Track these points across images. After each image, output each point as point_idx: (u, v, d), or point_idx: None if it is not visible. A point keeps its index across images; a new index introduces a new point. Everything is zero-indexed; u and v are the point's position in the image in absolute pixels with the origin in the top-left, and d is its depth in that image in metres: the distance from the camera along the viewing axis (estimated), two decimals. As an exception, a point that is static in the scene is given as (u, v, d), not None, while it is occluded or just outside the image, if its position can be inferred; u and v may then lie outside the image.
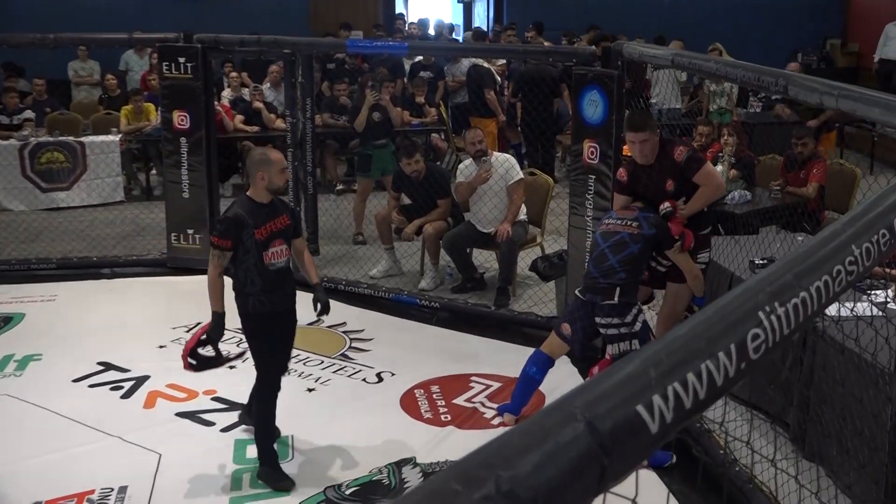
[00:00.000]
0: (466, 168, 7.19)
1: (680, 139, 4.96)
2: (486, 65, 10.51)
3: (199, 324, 6.40)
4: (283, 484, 4.44)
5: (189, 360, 4.48)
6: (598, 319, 4.63)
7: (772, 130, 9.98)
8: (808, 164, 7.35)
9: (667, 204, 4.70)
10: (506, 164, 7.06)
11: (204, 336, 4.46)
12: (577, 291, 4.81)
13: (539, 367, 4.94)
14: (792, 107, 9.96)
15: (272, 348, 4.48)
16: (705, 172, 4.74)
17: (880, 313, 4.18)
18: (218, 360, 4.59)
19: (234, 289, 4.45)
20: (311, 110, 7.74)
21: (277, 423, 4.62)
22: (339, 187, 10.26)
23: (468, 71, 10.65)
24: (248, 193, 4.45)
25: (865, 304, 4.45)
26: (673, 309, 4.98)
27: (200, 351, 4.47)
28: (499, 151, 8.04)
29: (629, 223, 4.64)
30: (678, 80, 10.75)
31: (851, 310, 4.03)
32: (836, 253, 1.63)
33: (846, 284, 1.63)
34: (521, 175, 7.10)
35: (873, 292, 4.70)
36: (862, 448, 3.94)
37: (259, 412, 4.49)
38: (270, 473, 4.47)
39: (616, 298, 4.55)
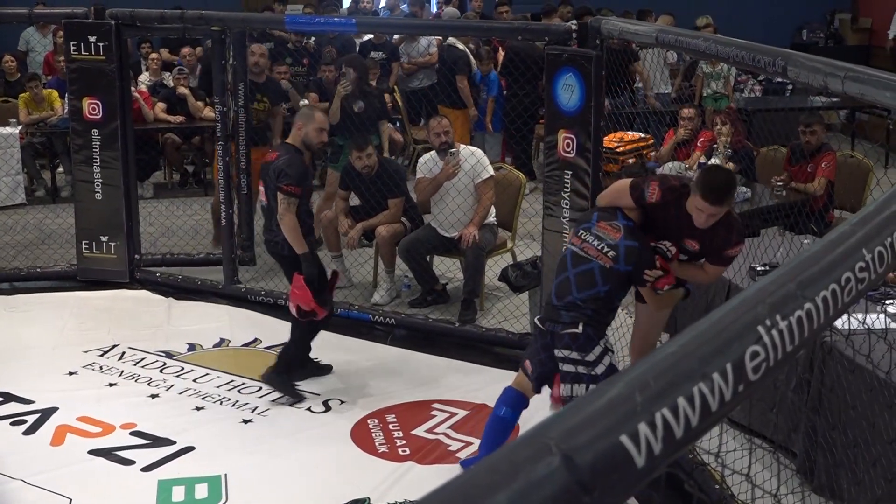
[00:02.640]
0: (428, 162, 7.19)
1: (741, 233, 4.55)
2: (461, 47, 10.48)
3: (114, 345, 6.37)
4: (293, 391, 5.63)
5: (318, 305, 5.52)
6: (556, 351, 4.49)
7: (774, 118, 10.10)
8: (815, 156, 7.43)
9: (672, 248, 4.52)
10: (473, 159, 7.07)
11: (306, 281, 5.46)
12: (536, 319, 4.70)
13: (511, 407, 4.76)
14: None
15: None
16: (721, 270, 4.67)
17: (894, 325, 4.25)
18: (328, 292, 5.69)
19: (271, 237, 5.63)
20: (246, 97, 7.71)
21: (208, 458, 4.78)
22: None
23: (441, 52, 10.65)
24: (289, 141, 5.62)
25: (879, 316, 4.51)
26: (645, 340, 4.88)
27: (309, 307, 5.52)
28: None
29: (605, 250, 4.41)
30: (666, 60, 10.84)
31: (863, 322, 4.08)
32: (844, 258, 1.64)
33: (857, 294, 1.65)
34: (491, 172, 7.12)
35: (887, 301, 4.77)
36: (878, 479, 4.00)
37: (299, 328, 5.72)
38: (285, 382, 5.68)
39: (580, 328, 4.43)
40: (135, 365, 6.18)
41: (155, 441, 5.22)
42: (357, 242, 7.28)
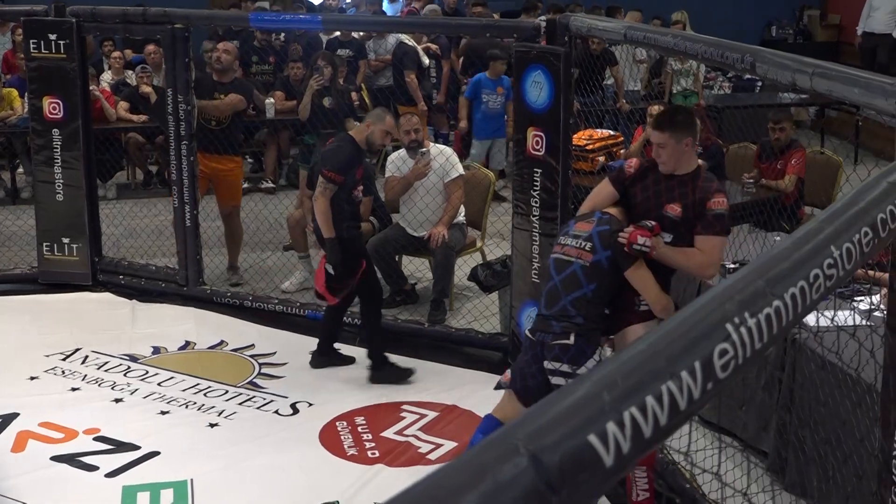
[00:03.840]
0: (396, 161, 7.18)
1: (721, 185, 4.46)
2: (410, 42, 10.50)
3: (77, 349, 6.33)
4: (402, 373, 5.94)
5: (328, 291, 5.78)
6: (545, 363, 4.36)
7: (743, 115, 10.18)
8: (785, 153, 7.50)
9: (652, 222, 4.31)
10: (442, 158, 7.08)
11: (327, 265, 5.70)
12: (527, 331, 4.59)
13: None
14: None
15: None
16: (715, 245, 4.32)
17: (865, 322, 4.29)
18: (349, 281, 5.81)
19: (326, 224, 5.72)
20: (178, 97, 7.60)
21: (173, 463, 4.78)
22: (267, 185, 10.18)
23: (394, 50, 10.66)
24: (352, 133, 5.84)
25: (848, 313, 4.56)
26: None
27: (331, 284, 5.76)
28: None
29: (582, 244, 4.34)
30: (635, 57, 10.90)
31: (832, 319, 4.12)
32: (813, 255, 1.66)
33: (825, 290, 1.67)
34: (461, 171, 7.13)
35: (857, 299, 4.81)
36: (849, 477, 4.03)
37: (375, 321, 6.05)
38: (390, 371, 5.94)
39: (571, 339, 4.30)
40: (98, 369, 6.13)
41: (119, 446, 5.18)
42: (324, 242, 7.24)
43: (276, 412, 5.62)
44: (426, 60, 10.63)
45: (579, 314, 4.31)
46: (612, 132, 8.77)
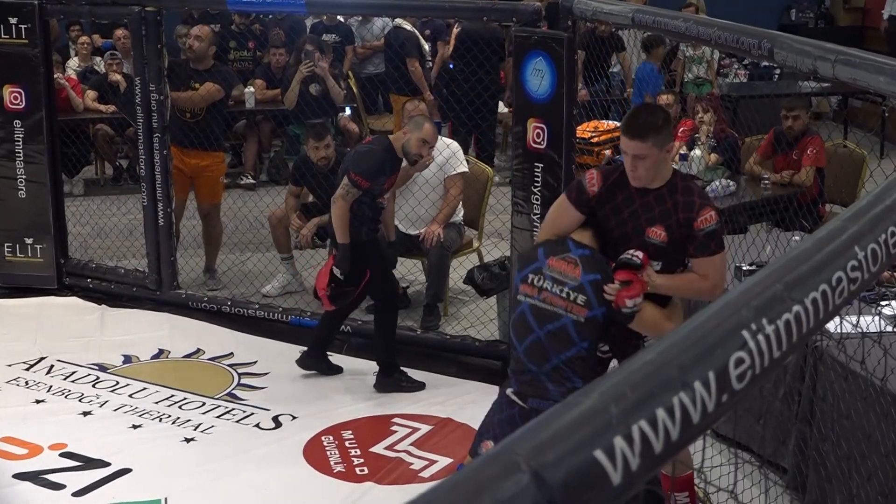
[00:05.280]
0: None
1: (702, 191, 4.20)
2: (409, 27, 10.50)
3: (41, 358, 6.32)
4: (413, 385, 6.00)
5: (327, 296, 5.76)
6: None
7: (760, 105, 10.19)
8: (799, 141, 7.50)
9: (638, 253, 3.94)
10: (447, 151, 7.07)
11: (334, 268, 5.70)
12: (509, 393, 4.08)
13: None
14: None
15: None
16: (715, 264, 4.04)
17: (890, 328, 4.30)
18: (350, 290, 5.81)
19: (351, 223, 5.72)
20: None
21: (146, 480, 4.87)
22: (247, 181, 10.17)
23: (387, 35, 10.65)
24: (390, 137, 5.97)
25: (873, 318, 4.56)
26: None
27: (334, 287, 5.74)
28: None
29: (572, 296, 3.93)
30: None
31: (856, 325, 4.12)
32: (835, 257, 1.66)
33: (849, 295, 1.67)
34: (465, 167, 7.14)
35: (882, 303, 4.82)
36: (873, 495, 4.04)
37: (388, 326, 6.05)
38: (400, 381, 5.98)
39: None
40: (64, 379, 6.12)
41: (88, 463, 5.18)
42: (310, 241, 7.25)
43: (258, 426, 5.62)
44: (426, 47, 10.63)
45: (576, 375, 3.96)
46: (618, 123, 8.77)
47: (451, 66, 10.39)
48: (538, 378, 4.00)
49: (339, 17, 10.97)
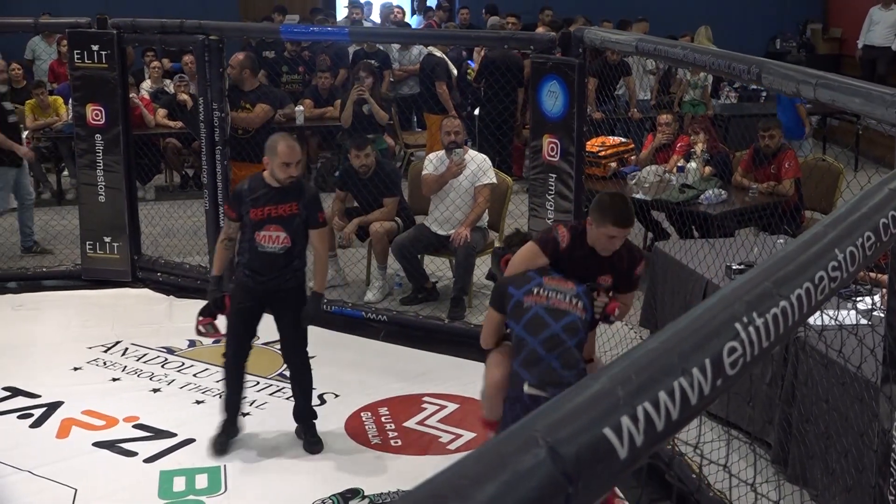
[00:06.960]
0: (435, 161, 7.19)
1: (639, 250, 4.57)
2: (439, 54, 10.53)
3: (117, 342, 6.36)
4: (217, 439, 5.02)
5: (199, 327, 5.09)
6: None
7: (749, 123, 10.13)
8: (776, 156, 7.50)
9: (607, 278, 4.31)
10: (479, 163, 7.09)
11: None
12: (528, 387, 4.05)
13: None
14: None
15: (233, 323, 5.05)
16: (632, 297, 4.55)
17: (865, 321, 4.26)
18: (216, 329, 5.10)
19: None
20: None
21: (205, 454, 4.87)
22: None
23: (422, 61, 10.68)
24: (263, 172, 4.96)
25: (850, 312, 4.53)
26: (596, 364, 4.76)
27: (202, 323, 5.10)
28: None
29: (574, 301, 4.14)
30: (645, 68, 10.87)
31: (835, 318, 4.09)
32: (818, 258, 1.65)
33: (829, 292, 1.66)
34: (493, 179, 7.14)
35: (858, 298, 4.78)
36: (849, 469, 4.00)
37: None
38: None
39: None
40: (137, 360, 6.16)
41: (157, 433, 5.21)
42: (352, 238, 7.28)
43: (305, 403, 5.62)
44: (455, 71, 10.65)
45: (581, 358, 4.14)
46: (623, 139, 8.75)
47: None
48: (553, 369, 4.06)
49: (378, 45, 10.99)
